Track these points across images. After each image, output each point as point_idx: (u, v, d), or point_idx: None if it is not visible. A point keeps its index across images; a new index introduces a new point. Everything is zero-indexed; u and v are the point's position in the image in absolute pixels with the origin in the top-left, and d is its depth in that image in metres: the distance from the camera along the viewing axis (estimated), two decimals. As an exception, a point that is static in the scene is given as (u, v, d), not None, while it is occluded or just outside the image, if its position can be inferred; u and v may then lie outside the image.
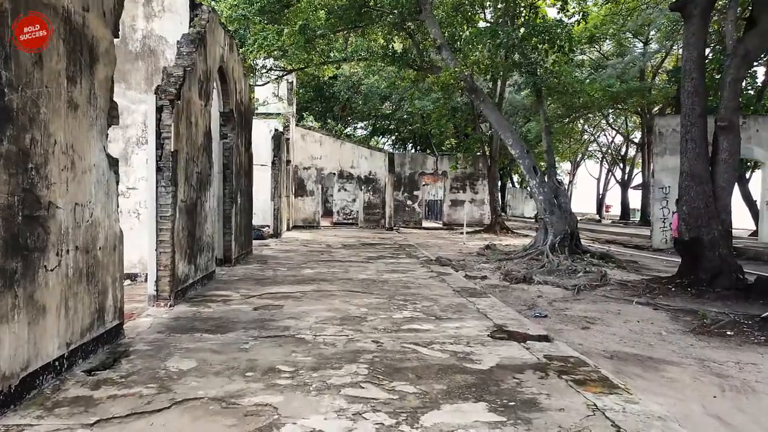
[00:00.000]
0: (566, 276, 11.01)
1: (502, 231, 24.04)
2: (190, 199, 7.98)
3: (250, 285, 8.96)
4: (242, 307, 7.17)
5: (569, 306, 8.34)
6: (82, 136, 4.66)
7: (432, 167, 29.59)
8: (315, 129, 27.69)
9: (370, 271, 10.96)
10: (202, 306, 7.22)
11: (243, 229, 12.34)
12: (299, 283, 9.20)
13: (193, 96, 8.07)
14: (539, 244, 13.09)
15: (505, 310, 7.24)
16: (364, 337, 5.69)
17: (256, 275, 10.10)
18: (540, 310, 7.73)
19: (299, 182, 26.01)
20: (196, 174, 8.34)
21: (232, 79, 11.11)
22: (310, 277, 9.90)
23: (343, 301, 7.69)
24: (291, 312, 6.91)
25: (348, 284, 9.20)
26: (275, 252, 14.54)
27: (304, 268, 11.26)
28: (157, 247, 7.11)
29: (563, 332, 6.62)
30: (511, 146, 13.55)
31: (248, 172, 13.05)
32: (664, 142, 17.85)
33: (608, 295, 9.28)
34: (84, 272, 4.66)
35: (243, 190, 12.35)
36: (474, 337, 5.79)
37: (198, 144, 8.41)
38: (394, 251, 15.35)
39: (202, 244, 8.66)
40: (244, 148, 12.55)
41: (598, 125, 40.76)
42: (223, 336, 5.68)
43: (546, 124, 14.84)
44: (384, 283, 9.33)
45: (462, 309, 7.24)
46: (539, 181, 13.18)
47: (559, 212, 13.02)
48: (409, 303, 7.60)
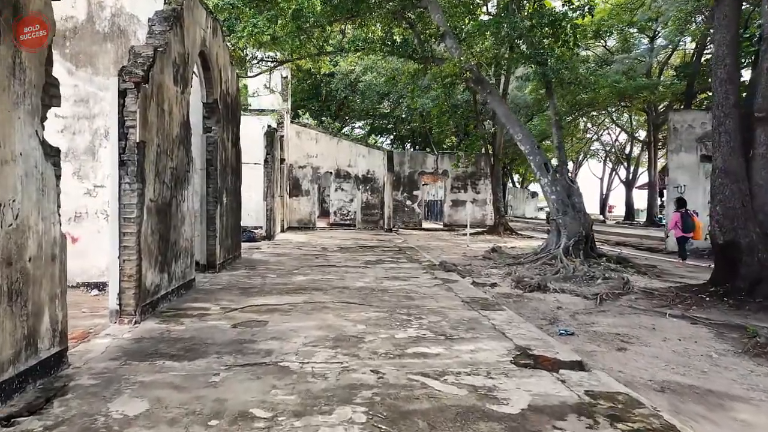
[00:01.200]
0: (584, 283, 10.02)
1: (505, 232, 23.04)
2: (162, 198, 6.97)
3: (234, 295, 7.94)
4: (220, 324, 6.15)
5: (595, 320, 7.34)
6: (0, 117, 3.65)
7: (432, 166, 28.59)
8: (311, 126, 26.67)
9: (369, 278, 9.96)
10: (173, 322, 6.20)
11: (230, 232, 11.32)
12: (289, 293, 8.19)
13: (165, 80, 7.05)
14: (551, 248, 12.10)
15: (525, 327, 6.24)
16: (361, 365, 4.68)
17: (242, 283, 9.08)
18: (564, 327, 6.73)
19: (294, 182, 24.98)
20: (171, 170, 7.33)
21: (216, 66, 10.09)
22: (302, 286, 8.88)
23: (337, 315, 6.68)
24: (276, 330, 5.89)
25: (344, 294, 8.19)
26: (266, 256, 13.52)
27: (295, 274, 10.25)
28: (120, 254, 6.10)
29: (597, 355, 5.62)
30: (521, 141, 12.56)
31: (236, 169, 12.03)
32: (679, 138, 16.88)
33: (635, 305, 8.29)
34: (4, 290, 3.65)
35: (230, 188, 11.34)
36: (494, 363, 4.79)
37: (173, 136, 7.40)
38: (394, 255, 14.34)
39: (178, 250, 7.64)
40: (231, 143, 11.54)
41: (602, 123, 39.80)
42: (190, 364, 4.67)
43: (556, 118, 13.84)
44: (384, 293, 8.33)
45: (475, 325, 6.24)
46: (551, 179, 12.19)
47: (572, 213, 12.03)
48: (414, 317, 6.59)
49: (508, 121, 12.81)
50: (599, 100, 27.67)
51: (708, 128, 16.82)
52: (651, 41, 29.11)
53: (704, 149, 16.66)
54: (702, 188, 16.71)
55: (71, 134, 8.12)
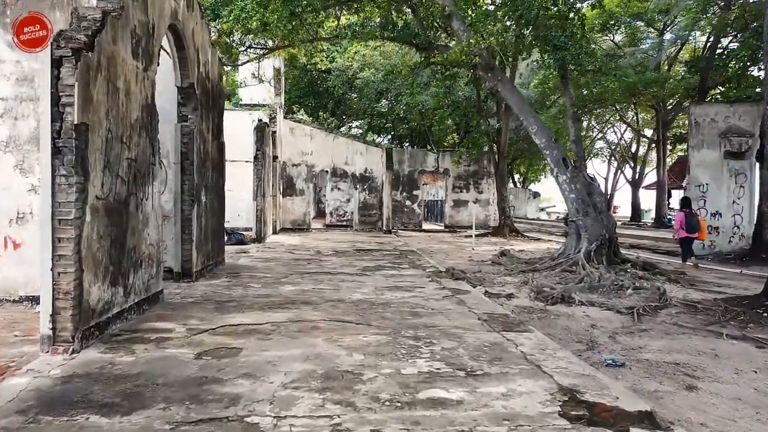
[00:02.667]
0: (613, 294, 8.78)
1: (511, 234, 21.81)
2: (115, 196, 5.70)
3: (207, 311, 6.67)
4: (181, 353, 4.89)
5: (640, 342, 6.10)
6: None
7: (433, 165, 27.32)
8: (305, 122, 25.38)
9: (367, 287, 8.70)
10: (123, 350, 4.94)
11: (210, 235, 10.05)
12: (273, 308, 6.92)
13: (120, 52, 5.78)
14: (570, 252, 10.86)
15: (562, 356, 4.99)
16: (358, 422, 3.43)
17: (220, 295, 7.81)
18: (610, 355, 5.48)
19: (288, 180, 23.70)
20: (128, 161, 6.06)
21: (192, 45, 8.83)
22: (289, 298, 7.62)
23: (329, 339, 5.42)
24: (250, 362, 4.63)
25: (338, 309, 6.93)
26: (254, 261, 12.25)
27: (284, 283, 8.98)
28: (53, 266, 4.83)
29: (663, 397, 4.37)
30: (536, 134, 11.32)
31: (218, 164, 10.76)
32: (701, 133, 15.66)
33: (680, 322, 7.05)
34: None
35: (210, 186, 10.07)
36: (538, 417, 3.54)
37: (131, 119, 6.13)
38: (395, 259, 13.09)
39: (138, 257, 6.37)
40: (212, 134, 10.27)
41: (608, 121, 38.60)
42: (123, 421, 3.41)
43: (573, 110, 12.59)
44: (385, 308, 7.07)
45: (501, 354, 4.99)
46: (570, 176, 10.95)
47: (594, 213, 10.80)
48: (423, 343, 5.34)
49: (521, 111, 11.57)
50: (606, 96, 26.48)
51: (732, 122, 15.66)
52: (660, 34, 27.91)
53: (728, 145, 15.48)
54: (726, 187, 15.54)
55: (12, 119, 6.85)
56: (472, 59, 11.19)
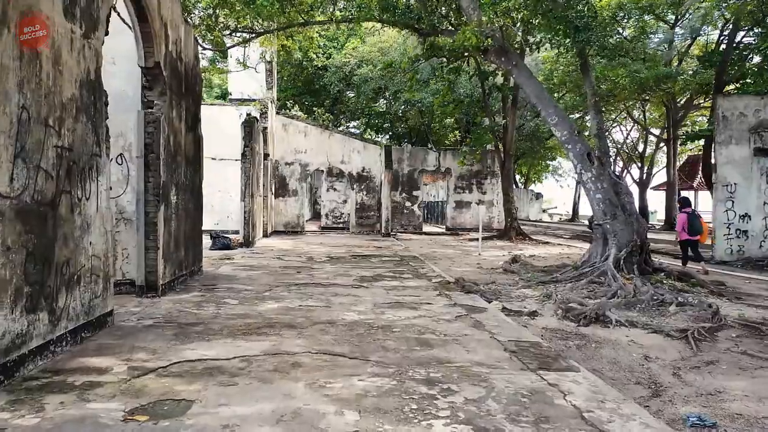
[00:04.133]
0: (654, 311, 7.46)
1: (518, 237, 20.48)
2: (35, 194, 4.35)
3: (163, 339, 5.33)
4: (106, 411, 3.54)
5: (715, 383, 4.76)
6: None
7: (434, 164, 26.01)
8: (299, 118, 24.01)
9: (364, 304, 7.36)
10: (27, 406, 3.59)
11: (183, 241, 8.70)
12: (247, 334, 5.58)
13: (43, 9, 4.44)
14: (596, 260, 9.53)
15: (631, 412, 3.65)
16: None
17: (186, 315, 6.46)
18: (691, 410, 4.13)
19: (280, 180, 22.34)
20: (57, 151, 4.71)
21: (157, 18, 7.47)
22: (269, 320, 6.27)
23: (313, 385, 4.08)
24: (199, 428, 3.29)
25: (327, 335, 5.59)
26: (237, 269, 10.89)
27: (265, 299, 7.63)
28: (-72, 291, 3.47)
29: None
30: (556, 126, 10.00)
31: (194, 159, 9.41)
32: (729, 128, 14.35)
33: (749, 350, 5.73)
34: None
35: (183, 184, 8.73)
36: None
37: (63, 98, 4.78)
38: (396, 267, 11.75)
39: (74, 273, 5.01)
40: (186, 125, 8.92)
41: (615, 120, 37.30)
42: None
43: (595, 99, 11.22)
44: (387, 333, 5.73)
45: (547, 411, 3.65)
46: (596, 173, 9.61)
47: (623, 216, 9.48)
48: (439, 390, 4.00)
49: (540, 100, 10.24)
50: (618, 92, 25.19)
51: (763, 116, 14.38)
52: (672, 27, 26.60)
53: (759, 141, 14.21)
54: (756, 187, 14.25)
55: None
56: (484, 42, 9.86)
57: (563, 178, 58.01)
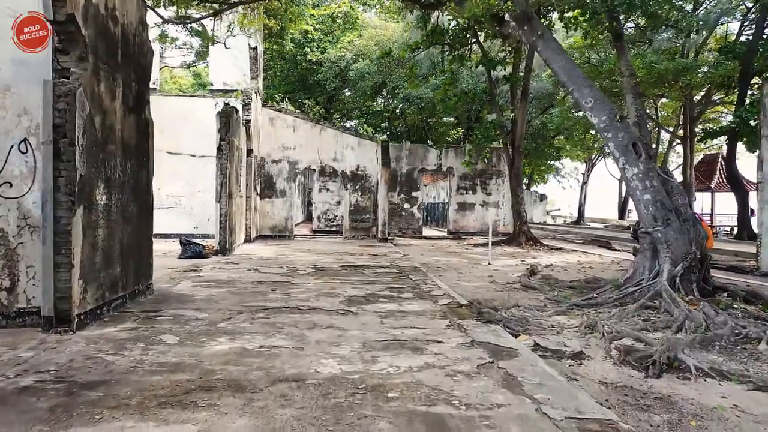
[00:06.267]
0: (739, 351, 5.54)
1: (528, 243, 18.54)
2: None
3: (31, 419, 3.38)
4: None
5: None
6: None
7: (434, 163, 24.09)
8: (287, 111, 22.01)
9: (349, 344, 5.41)
10: None
11: (119, 254, 6.74)
12: (165, 407, 3.63)
13: None
14: (644, 276, 7.61)
15: None
16: None
17: (92, 366, 4.51)
18: None
19: (267, 179, 20.37)
20: None
21: (70, -46, 5.52)
22: (210, 375, 4.32)
23: None
24: None
25: (287, 410, 3.64)
26: (198, 285, 8.93)
27: (218, 334, 5.68)
28: None
29: None
30: (592, 110, 8.06)
31: (139, 150, 7.45)
32: (778, 119, 12.46)
33: None
34: None
35: (119, 181, 6.77)
36: None
37: None
38: (393, 282, 9.81)
39: None
40: (126, 105, 6.97)
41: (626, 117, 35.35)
42: None
43: (634, 81, 9.21)
44: (379, 402, 3.79)
45: None
46: (644, 168, 7.67)
47: (677, 223, 7.56)
48: None
49: (571, 79, 8.30)
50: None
51: (816, 106, 12.50)
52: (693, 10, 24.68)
53: (812, 133, 12.31)
54: (807, 186, 12.35)
55: None
56: (501, 7, 7.96)
57: (565, 179, 56.16)
